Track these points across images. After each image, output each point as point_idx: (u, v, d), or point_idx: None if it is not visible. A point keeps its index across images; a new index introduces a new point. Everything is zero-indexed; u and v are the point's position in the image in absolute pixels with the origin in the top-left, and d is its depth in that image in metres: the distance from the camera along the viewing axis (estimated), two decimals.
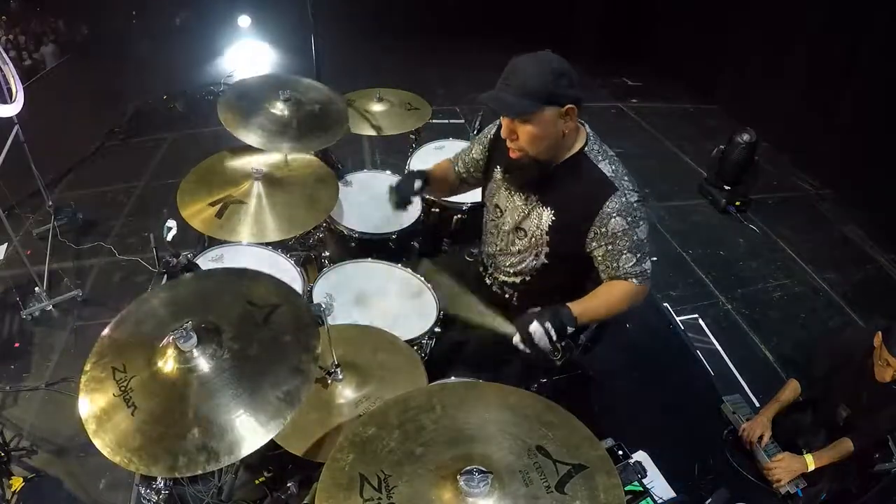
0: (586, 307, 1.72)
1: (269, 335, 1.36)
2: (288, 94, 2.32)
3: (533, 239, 1.82)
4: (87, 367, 1.34)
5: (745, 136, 3.91)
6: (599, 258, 1.75)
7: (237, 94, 2.38)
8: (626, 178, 1.71)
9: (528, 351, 1.64)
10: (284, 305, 1.43)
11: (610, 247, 1.70)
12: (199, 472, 1.17)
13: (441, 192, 2.29)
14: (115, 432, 1.21)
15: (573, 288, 1.86)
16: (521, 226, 1.83)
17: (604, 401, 2.67)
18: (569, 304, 1.69)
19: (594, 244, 1.72)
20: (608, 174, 1.69)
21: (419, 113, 2.90)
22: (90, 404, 1.26)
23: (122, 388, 1.28)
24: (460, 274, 2.17)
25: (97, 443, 1.21)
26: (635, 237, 1.69)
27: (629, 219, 1.67)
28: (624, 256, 1.71)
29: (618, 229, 1.67)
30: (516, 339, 1.64)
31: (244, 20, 5.87)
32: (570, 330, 1.66)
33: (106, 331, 1.42)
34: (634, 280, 1.74)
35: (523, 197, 1.81)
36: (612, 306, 1.78)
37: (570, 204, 1.73)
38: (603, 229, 1.69)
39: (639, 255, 1.72)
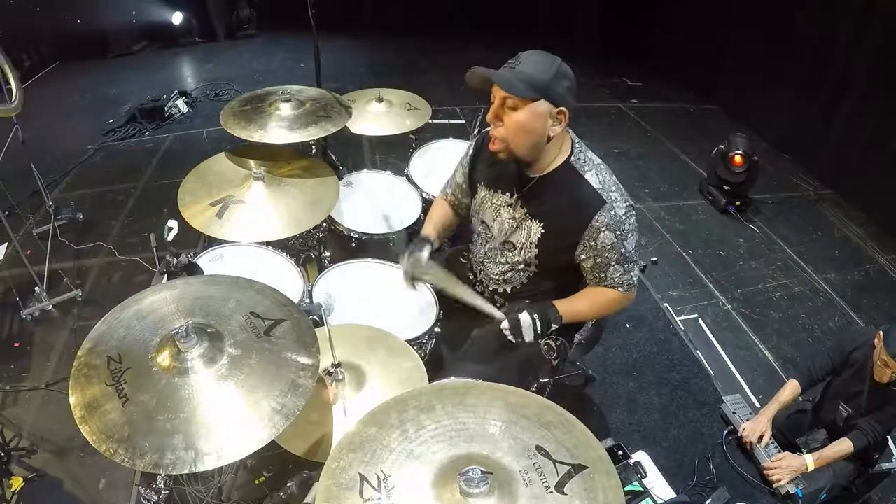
0: (571, 308, 1.79)
1: (270, 348, 1.37)
2: (288, 94, 2.35)
3: (522, 252, 1.82)
4: (81, 353, 1.34)
5: (739, 153, 3.87)
6: (588, 269, 1.78)
7: (240, 102, 2.43)
8: (613, 189, 1.69)
9: (512, 338, 1.72)
10: (288, 321, 1.43)
11: (598, 259, 1.73)
12: (186, 471, 1.17)
13: (451, 232, 2.17)
14: (103, 421, 1.21)
15: (562, 297, 1.87)
16: (510, 239, 1.84)
17: (604, 401, 2.67)
18: (555, 302, 1.77)
19: (583, 256, 1.75)
20: (595, 185, 1.68)
21: (419, 113, 2.90)
22: (80, 391, 1.27)
23: (116, 379, 1.28)
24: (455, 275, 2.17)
25: (83, 430, 1.20)
26: (623, 249, 1.71)
27: (618, 232, 1.68)
28: (612, 268, 1.74)
29: (607, 243, 1.69)
30: (504, 324, 1.72)
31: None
32: (554, 326, 1.74)
33: (105, 318, 1.41)
34: (620, 289, 1.78)
35: (511, 211, 1.81)
36: (596, 310, 1.88)
37: (559, 217, 1.73)
38: (592, 242, 1.70)
39: (626, 266, 1.74)
